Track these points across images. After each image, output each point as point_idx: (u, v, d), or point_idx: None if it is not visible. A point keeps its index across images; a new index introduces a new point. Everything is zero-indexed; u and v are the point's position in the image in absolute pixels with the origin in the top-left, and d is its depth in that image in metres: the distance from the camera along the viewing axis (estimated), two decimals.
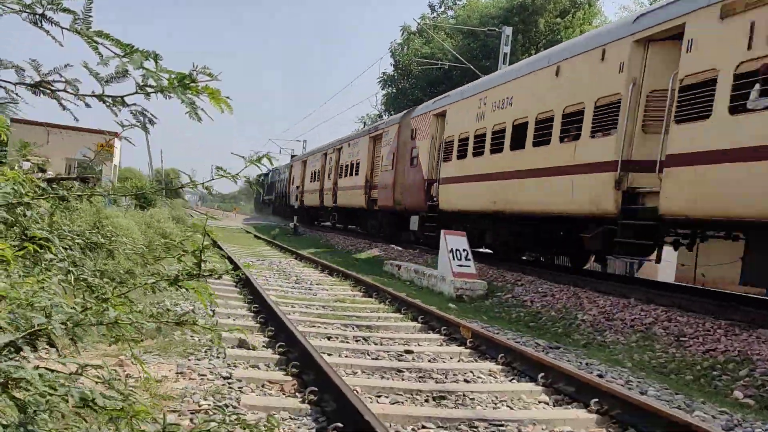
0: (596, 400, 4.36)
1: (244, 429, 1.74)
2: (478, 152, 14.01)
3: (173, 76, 1.34)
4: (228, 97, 1.38)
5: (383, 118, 40.96)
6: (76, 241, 2.17)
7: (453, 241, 11.61)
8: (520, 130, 12.25)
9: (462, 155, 14.84)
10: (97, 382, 1.56)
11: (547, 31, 31.35)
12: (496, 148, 13.14)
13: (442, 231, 12.10)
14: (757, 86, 7.03)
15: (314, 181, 32.37)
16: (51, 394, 1.31)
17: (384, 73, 40.34)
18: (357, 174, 23.98)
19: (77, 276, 2.03)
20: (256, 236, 26.03)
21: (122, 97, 1.42)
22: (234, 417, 1.80)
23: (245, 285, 8.96)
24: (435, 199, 16.45)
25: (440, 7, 42.05)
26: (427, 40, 36.21)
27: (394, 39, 41.56)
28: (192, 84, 1.34)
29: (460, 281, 10.90)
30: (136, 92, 1.38)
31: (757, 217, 6.87)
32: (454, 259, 11.29)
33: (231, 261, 12.36)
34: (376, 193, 21.71)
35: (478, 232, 14.70)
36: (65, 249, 2.20)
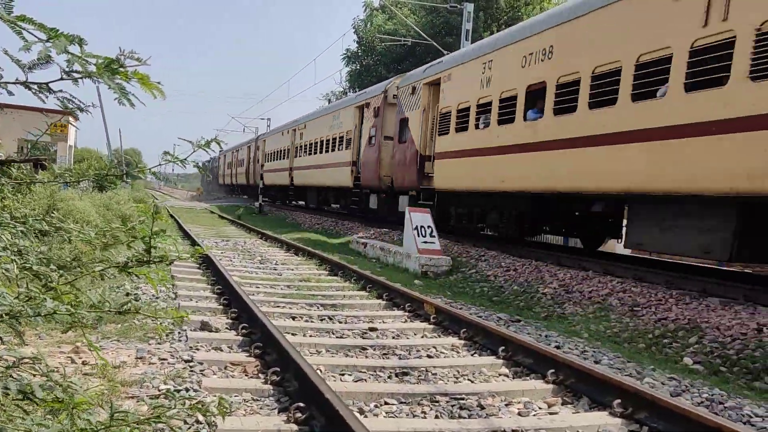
0: (552, 371, 4.50)
1: (195, 412, 1.75)
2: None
3: (100, 61, 1.32)
4: (159, 82, 1.37)
5: (348, 94, 40.69)
6: (19, 228, 2.13)
7: (418, 218, 11.71)
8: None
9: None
10: (34, 375, 1.55)
11: (508, 7, 31.41)
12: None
13: (407, 208, 12.18)
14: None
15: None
16: None
17: (348, 50, 39.98)
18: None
19: (21, 265, 2.00)
20: (220, 216, 25.75)
21: (47, 83, 1.39)
22: (186, 400, 1.81)
23: (208, 266, 8.90)
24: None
25: None
26: (390, 16, 35.93)
27: (357, 15, 41.22)
28: (120, 69, 1.32)
29: (425, 258, 11.01)
30: (62, 78, 1.36)
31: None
32: (419, 236, 11.39)
33: (194, 242, 12.24)
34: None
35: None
36: (11, 235, 2.17)
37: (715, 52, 7.24)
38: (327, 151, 23.97)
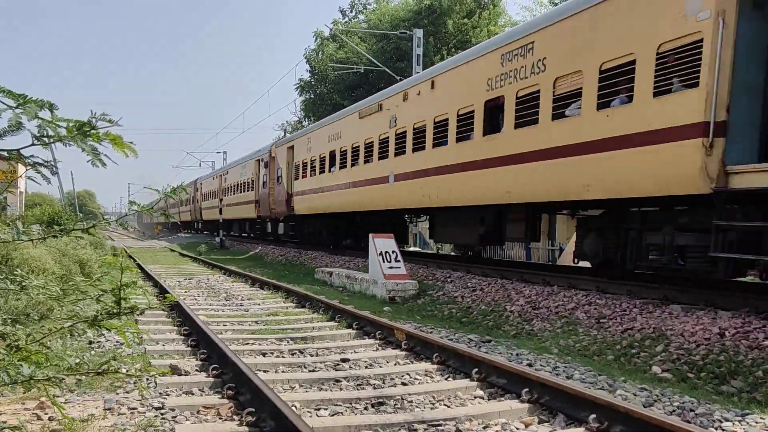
0: (527, 389, 4.54)
1: None
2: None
3: (72, 124, 1.31)
4: (132, 142, 1.36)
5: (303, 124, 40.73)
6: None
7: (381, 243, 11.72)
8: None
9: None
10: None
11: (456, 31, 32.08)
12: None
13: (371, 235, 12.20)
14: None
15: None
16: None
17: (301, 80, 40.10)
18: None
19: None
20: (181, 254, 25.28)
21: (18, 150, 1.37)
22: None
23: (173, 307, 8.71)
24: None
25: (351, 11, 42.23)
26: (341, 44, 36.28)
27: (308, 45, 41.44)
28: (92, 131, 1.31)
29: (391, 283, 11.02)
30: (33, 144, 1.34)
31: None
32: (384, 261, 11.40)
33: (156, 283, 11.97)
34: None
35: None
36: None
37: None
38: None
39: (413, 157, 13.63)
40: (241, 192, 32.00)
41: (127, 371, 1.95)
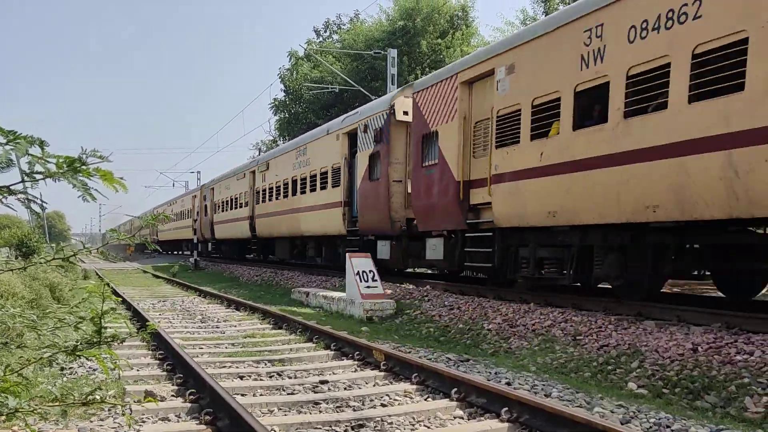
0: (506, 408, 4.56)
1: None
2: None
3: (62, 160, 1.31)
4: (122, 178, 1.37)
5: (278, 143, 40.67)
6: None
7: (359, 263, 11.71)
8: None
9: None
10: None
11: (429, 51, 32.51)
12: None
13: (348, 254, 12.18)
14: None
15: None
16: None
17: (275, 99, 40.14)
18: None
19: None
20: (154, 275, 24.92)
21: (8, 186, 1.36)
22: None
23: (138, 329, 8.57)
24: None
25: (325, 31, 42.52)
26: (315, 64, 36.45)
27: (283, 65, 41.49)
28: (83, 167, 1.31)
29: (369, 302, 11.00)
30: (23, 181, 1.34)
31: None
32: (361, 281, 11.38)
33: (129, 306, 11.77)
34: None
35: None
36: None
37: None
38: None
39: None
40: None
41: (105, 399, 1.92)
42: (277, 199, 22.44)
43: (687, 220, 6.92)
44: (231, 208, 28.89)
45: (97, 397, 1.80)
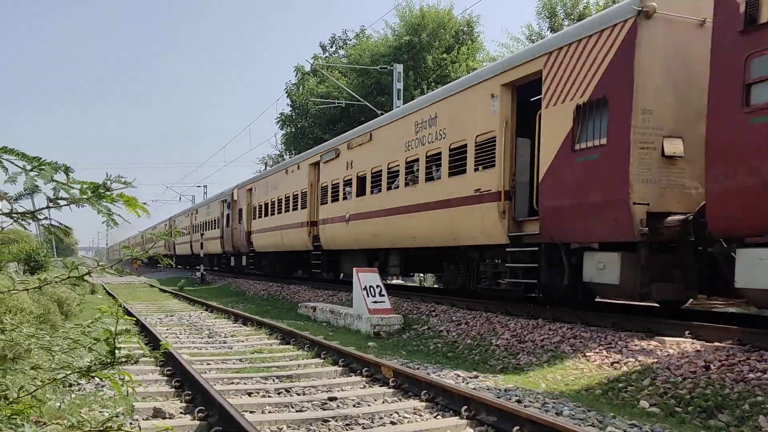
0: (517, 427, 4.52)
1: None
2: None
3: (86, 186, 1.32)
4: (145, 203, 1.37)
5: (284, 157, 40.80)
6: None
7: (366, 278, 11.68)
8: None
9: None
10: None
11: (435, 66, 32.61)
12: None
13: (354, 269, 12.16)
14: None
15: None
16: None
17: (282, 114, 40.28)
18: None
19: None
20: (161, 290, 24.93)
21: (33, 212, 1.37)
22: None
23: (155, 346, 8.55)
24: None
25: (332, 47, 42.77)
26: (321, 79, 36.62)
27: (289, 80, 41.67)
28: (107, 193, 1.32)
29: (376, 318, 10.96)
30: (48, 207, 1.35)
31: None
32: (368, 296, 11.35)
33: (138, 321, 11.76)
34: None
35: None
36: None
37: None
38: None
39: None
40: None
41: (122, 426, 1.91)
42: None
43: None
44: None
45: (114, 426, 1.78)
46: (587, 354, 7.34)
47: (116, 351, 2.03)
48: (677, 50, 7.98)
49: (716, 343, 6.74)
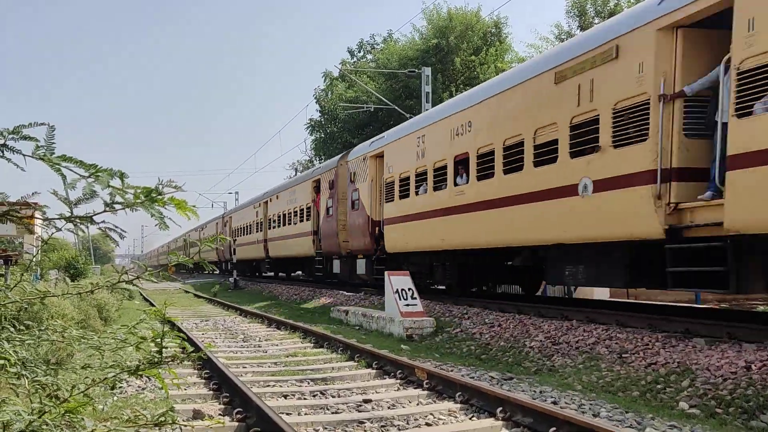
0: (554, 428, 4.49)
1: None
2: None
3: (140, 191, 1.39)
4: (194, 206, 1.44)
5: (314, 163, 41.13)
6: (26, 340, 2.12)
7: (398, 281, 11.71)
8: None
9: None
10: None
11: (463, 68, 32.57)
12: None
13: (386, 272, 12.20)
14: None
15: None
16: None
17: (311, 119, 40.67)
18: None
19: (31, 378, 1.98)
20: (196, 295, 25.35)
21: (91, 216, 1.45)
22: None
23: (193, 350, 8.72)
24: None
25: (359, 51, 43.03)
26: (350, 84, 36.87)
27: (318, 85, 42.07)
28: (159, 197, 1.39)
29: (408, 321, 10.98)
30: (105, 211, 1.42)
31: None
32: (400, 299, 11.38)
33: (173, 325, 12.00)
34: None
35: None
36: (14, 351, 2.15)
37: None
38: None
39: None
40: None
41: (175, 420, 1.98)
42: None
43: None
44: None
45: (168, 419, 1.85)
46: (623, 356, 7.24)
47: (163, 350, 2.10)
48: None
49: (757, 343, 6.59)
